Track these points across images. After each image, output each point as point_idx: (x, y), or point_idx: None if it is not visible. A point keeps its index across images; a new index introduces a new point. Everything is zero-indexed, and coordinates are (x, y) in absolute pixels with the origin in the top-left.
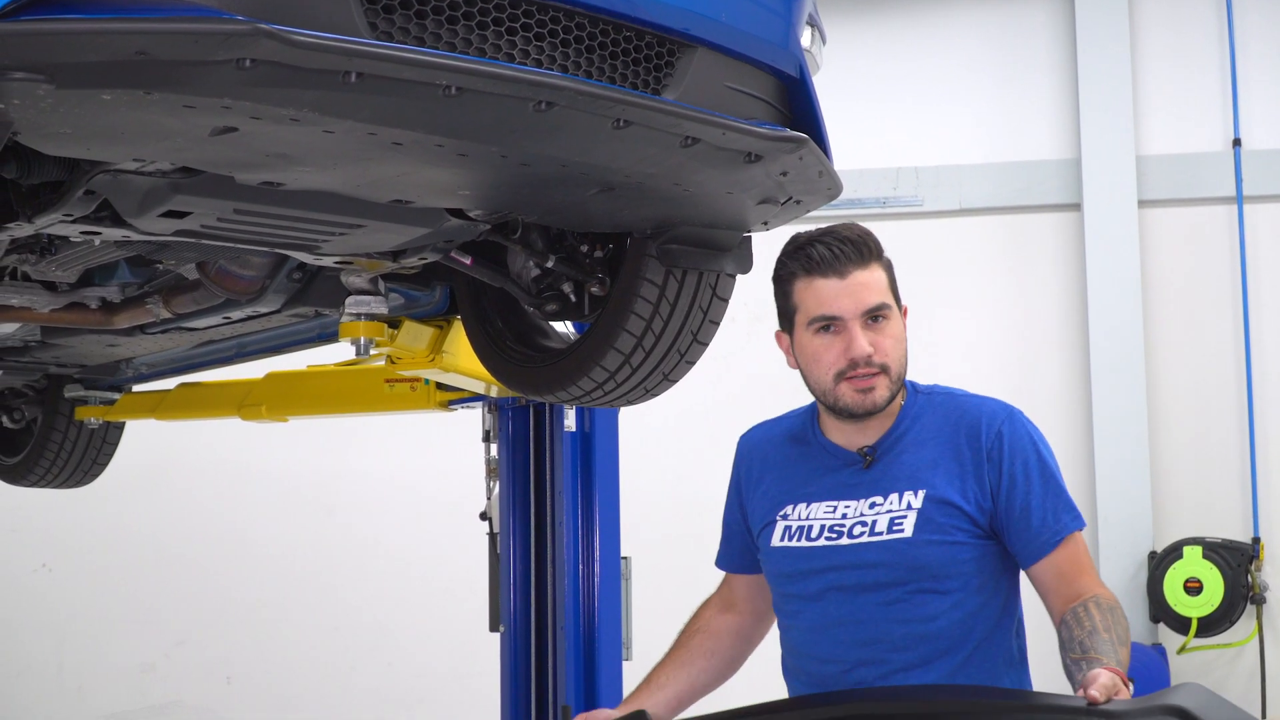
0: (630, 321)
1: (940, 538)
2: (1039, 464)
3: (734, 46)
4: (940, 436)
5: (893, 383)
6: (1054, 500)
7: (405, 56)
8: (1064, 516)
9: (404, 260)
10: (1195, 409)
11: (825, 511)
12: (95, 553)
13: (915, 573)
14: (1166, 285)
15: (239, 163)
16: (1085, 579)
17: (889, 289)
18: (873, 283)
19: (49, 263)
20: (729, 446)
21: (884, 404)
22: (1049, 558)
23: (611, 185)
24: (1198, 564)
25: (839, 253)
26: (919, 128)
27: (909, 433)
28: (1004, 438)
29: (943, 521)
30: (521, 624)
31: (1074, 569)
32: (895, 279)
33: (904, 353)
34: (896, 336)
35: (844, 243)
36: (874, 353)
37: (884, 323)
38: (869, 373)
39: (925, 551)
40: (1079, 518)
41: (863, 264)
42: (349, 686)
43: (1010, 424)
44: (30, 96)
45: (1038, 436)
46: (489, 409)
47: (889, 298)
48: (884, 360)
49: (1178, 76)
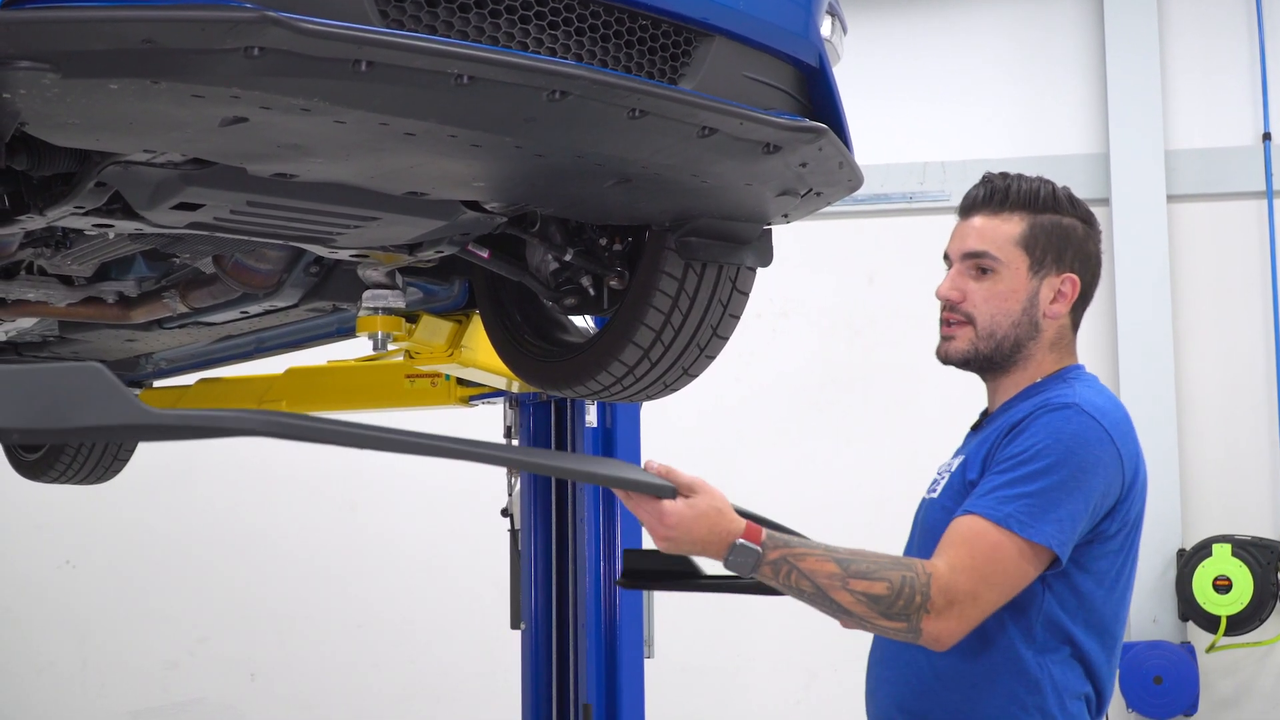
0: (649, 315)
1: (953, 505)
2: (1036, 452)
3: (753, 35)
4: (1017, 413)
5: (979, 339)
6: (1009, 484)
7: (416, 45)
8: (991, 499)
9: (420, 254)
10: (1224, 406)
11: (943, 468)
12: (118, 550)
13: (927, 535)
14: (1195, 281)
15: (250, 154)
16: (946, 551)
17: (1013, 243)
18: (988, 230)
19: (64, 257)
20: (755, 442)
21: (959, 358)
22: (953, 523)
23: (628, 176)
24: (1227, 562)
25: (974, 195)
26: (946, 123)
27: (1017, 406)
28: (1027, 420)
29: (960, 489)
30: (543, 621)
31: (949, 541)
32: (1049, 239)
33: (1004, 312)
34: (997, 293)
35: (986, 184)
36: (960, 299)
37: (989, 275)
38: (950, 318)
39: (937, 515)
40: (1007, 517)
41: (992, 210)
42: (372, 684)
43: (1054, 411)
44: (36, 86)
45: (1070, 436)
46: (510, 405)
47: (1005, 251)
48: (969, 310)
49: (1207, 70)
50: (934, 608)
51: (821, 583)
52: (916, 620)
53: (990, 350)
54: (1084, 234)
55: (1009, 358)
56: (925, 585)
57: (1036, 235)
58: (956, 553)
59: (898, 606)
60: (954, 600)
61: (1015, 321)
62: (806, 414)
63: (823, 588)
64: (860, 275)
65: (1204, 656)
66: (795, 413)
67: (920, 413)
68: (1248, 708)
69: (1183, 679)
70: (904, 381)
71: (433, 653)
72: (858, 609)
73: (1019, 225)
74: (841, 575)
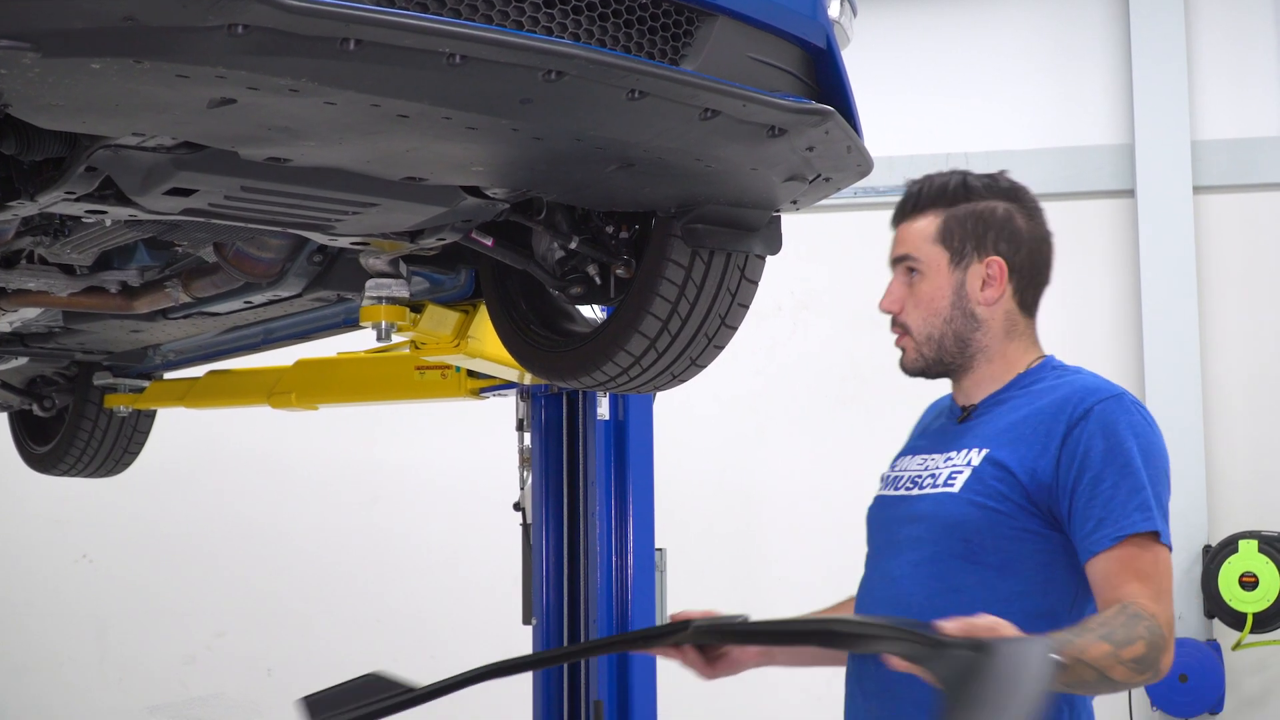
0: (655, 304)
1: (985, 500)
2: (1122, 451)
3: (757, 15)
4: (1039, 407)
5: (920, 344)
6: (1127, 493)
7: (406, 22)
8: (1133, 514)
9: (422, 241)
10: (1251, 400)
11: (917, 464)
12: (136, 545)
13: (950, 531)
14: (1222, 273)
15: (241, 137)
16: (1131, 586)
17: (929, 240)
18: (908, 233)
19: (63, 245)
20: (774, 435)
21: (913, 368)
22: (1102, 555)
23: (630, 161)
24: (1253, 558)
25: (898, 204)
26: (970, 113)
27: (1016, 398)
28: (1093, 414)
29: (992, 484)
30: (554, 617)
31: (1123, 573)
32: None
33: (933, 313)
34: (923, 294)
35: (904, 191)
36: (898, 309)
37: (917, 277)
38: (895, 331)
39: (964, 510)
40: (1153, 520)
41: (909, 214)
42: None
43: (1108, 403)
44: (17, 66)
45: (1140, 426)
46: (521, 397)
47: (923, 249)
48: (905, 321)
49: (1234, 59)
50: (1167, 645)
51: (1102, 665)
52: (1160, 664)
53: (935, 353)
54: (1005, 214)
55: (959, 355)
56: (1159, 627)
57: (951, 227)
58: (1141, 585)
59: (1150, 659)
60: (1172, 629)
61: (947, 318)
62: (827, 406)
63: (1103, 670)
64: (882, 267)
65: (1230, 654)
66: (816, 405)
67: None
68: (1275, 706)
69: (1208, 676)
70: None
71: (450, 648)
72: (1126, 677)
73: (934, 221)
74: (1114, 651)
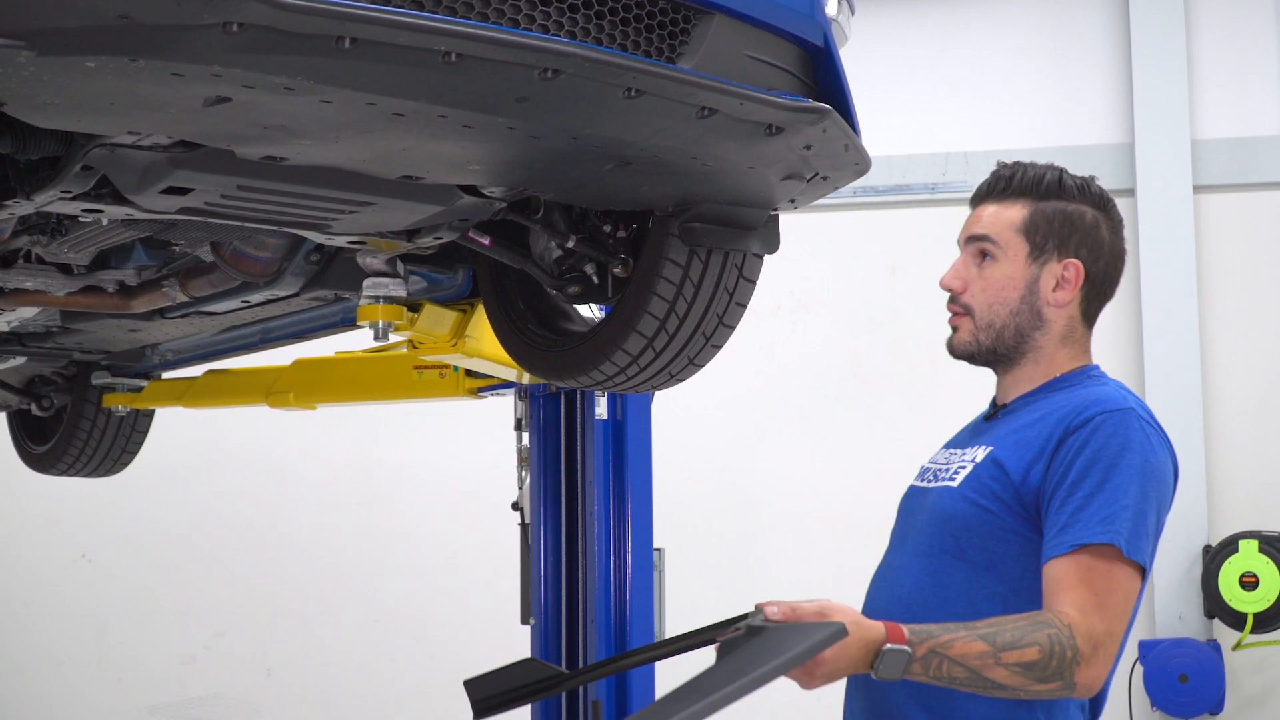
0: (652, 303)
1: (978, 497)
2: (1106, 463)
3: (754, 14)
4: (1050, 412)
5: (978, 329)
6: (1099, 505)
7: (402, 20)
8: (1095, 525)
9: (419, 240)
10: (1252, 399)
11: (944, 457)
12: (135, 544)
13: (944, 525)
14: (1223, 273)
15: (237, 135)
16: (1069, 595)
17: (1013, 228)
18: (992, 216)
19: (60, 244)
20: (773, 435)
21: (962, 351)
22: (1056, 561)
23: (627, 159)
24: (1254, 558)
25: (983, 185)
26: (969, 113)
27: (1040, 401)
28: (1090, 424)
29: (988, 483)
30: (552, 617)
31: (1067, 582)
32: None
33: (1001, 301)
34: (994, 279)
35: (994, 173)
36: (961, 289)
37: (989, 261)
38: (952, 309)
39: (958, 505)
40: (1114, 534)
41: (996, 197)
42: (390, 679)
43: (1110, 415)
44: (11, 64)
45: (1139, 443)
46: (519, 397)
47: (1005, 236)
48: (968, 301)
49: (1234, 58)
50: (1083, 658)
51: (974, 664)
52: (1070, 675)
53: (991, 341)
54: (1093, 220)
55: (1014, 349)
56: (1070, 637)
57: (1038, 221)
58: (1078, 594)
59: (1051, 667)
60: (1098, 644)
61: (1014, 310)
62: (827, 406)
63: (976, 669)
64: (882, 266)
65: (1230, 654)
66: (815, 405)
67: (942, 405)
68: (1275, 706)
69: (1209, 677)
70: (926, 373)
71: (450, 648)
72: (1013, 681)
73: (1021, 211)
74: (992, 651)
